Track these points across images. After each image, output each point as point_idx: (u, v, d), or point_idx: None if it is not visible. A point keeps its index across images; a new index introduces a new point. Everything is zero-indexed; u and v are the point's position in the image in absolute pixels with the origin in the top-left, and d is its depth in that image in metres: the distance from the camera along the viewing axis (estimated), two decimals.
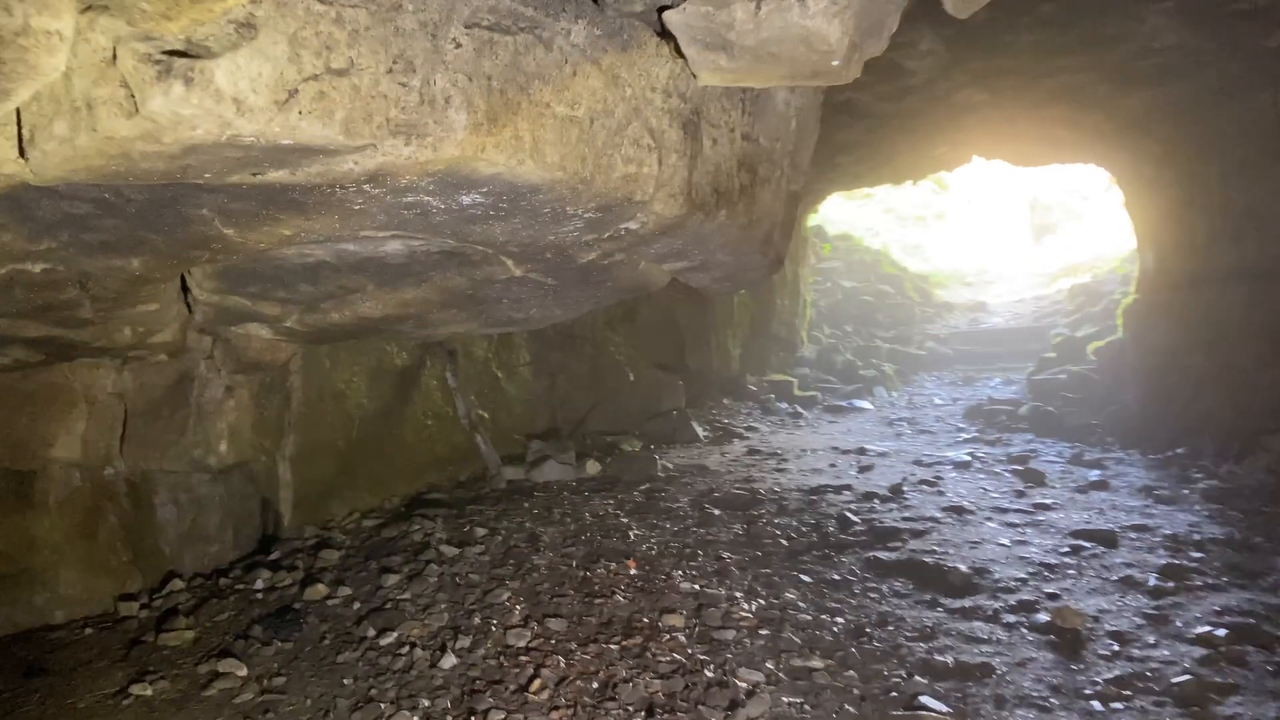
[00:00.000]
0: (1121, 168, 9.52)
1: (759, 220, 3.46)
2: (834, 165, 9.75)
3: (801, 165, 3.85)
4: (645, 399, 9.39)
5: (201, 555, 5.74)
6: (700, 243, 3.39)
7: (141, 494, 5.51)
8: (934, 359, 13.47)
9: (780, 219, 3.72)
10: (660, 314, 9.79)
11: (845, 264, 16.17)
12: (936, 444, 8.39)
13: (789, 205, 3.80)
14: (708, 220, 3.17)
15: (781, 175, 3.62)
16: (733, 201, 3.24)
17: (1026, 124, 8.69)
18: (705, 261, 3.72)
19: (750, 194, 3.32)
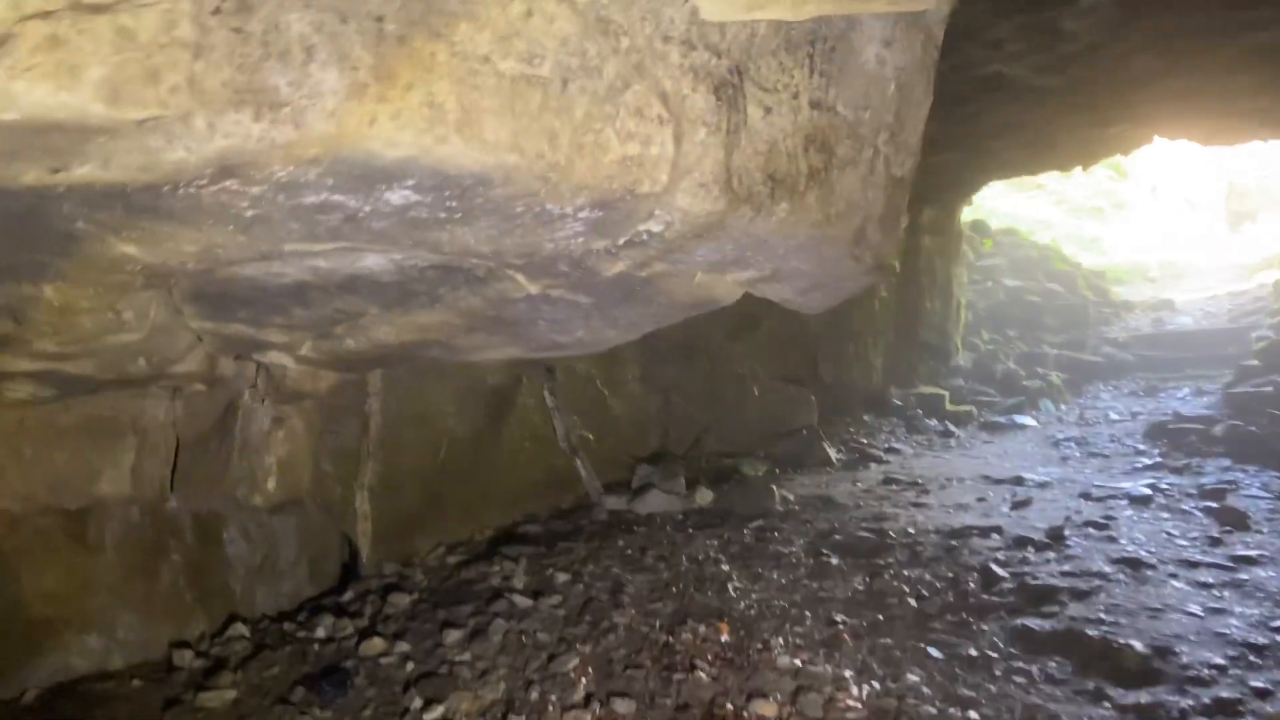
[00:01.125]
0: None
1: (842, 215, 2.62)
2: (986, 151, 8.61)
3: (909, 144, 2.99)
4: (771, 416, 8.53)
5: (275, 593, 5.33)
6: (760, 246, 2.59)
7: (209, 529, 5.13)
8: (1111, 366, 11.96)
9: (877, 212, 2.87)
10: (789, 321, 8.89)
11: (1009, 261, 14.73)
12: (1110, 471, 7.17)
13: (890, 194, 2.94)
14: (760, 217, 2.37)
15: (876, 156, 2.77)
16: (798, 191, 2.43)
17: (1215, 95, 7.37)
18: (777, 270, 2.91)
19: (825, 180, 2.50)
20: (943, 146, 8.34)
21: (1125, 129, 8.25)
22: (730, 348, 8.40)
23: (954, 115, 7.50)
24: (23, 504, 4.42)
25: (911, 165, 3.04)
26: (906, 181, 3.05)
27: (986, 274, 14.10)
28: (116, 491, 4.60)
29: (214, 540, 5.16)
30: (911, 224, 10.13)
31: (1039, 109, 7.49)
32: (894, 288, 9.98)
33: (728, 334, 8.36)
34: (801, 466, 7.91)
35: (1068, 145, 8.88)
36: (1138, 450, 7.90)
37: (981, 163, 8.98)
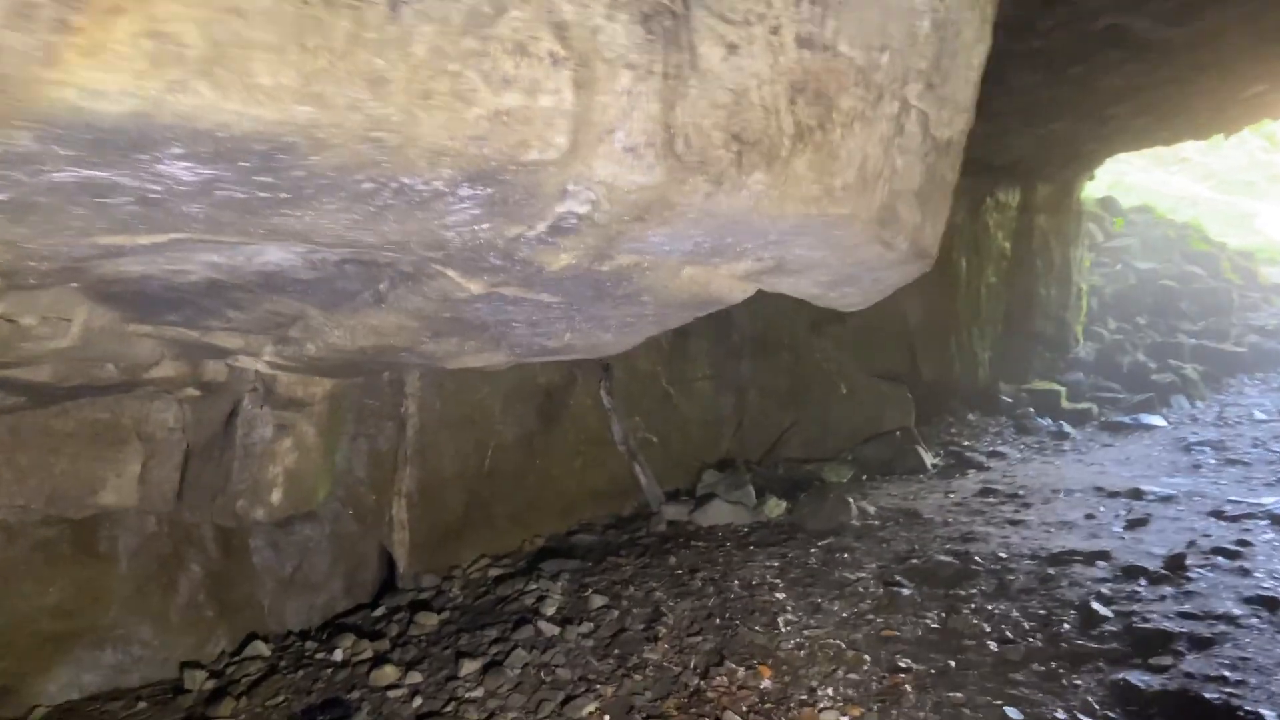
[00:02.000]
0: None
1: (853, 188, 2.03)
2: (1105, 119, 7.66)
3: (955, 99, 2.36)
4: (861, 416, 7.83)
5: (308, 606, 5.04)
6: (742, 231, 2.02)
7: (234, 539, 4.86)
8: (1257, 357, 10.68)
9: (911, 184, 2.26)
10: (881, 311, 8.12)
11: (1141, 241, 13.47)
12: (1250, 483, 6.21)
13: (931, 162, 2.32)
14: (723, 191, 1.80)
15: (905, 112, 2.16)
16: (778, 156, 1.84)
17: None
18: (782, 261, 2.32)
19: (822, 143, 1.91)
20: (1054, 113, 7.45)
21: (1266, 90, 7.18)
22: (814, 341, 7.73)
23: (1066, 77, 6.65)
24: (20, 514, 4.19)
25: (963, 125, 2.40)
26: (956, 145, 2.42)
27: (1116, 256, 12.91)
28: (121, 500, 4.34)
29: (239, 551, 4.88)
30: (1024, 202, 9.21)
31: (1163, 68, 6.55)
32: (1004, 273, 9.08)
33: (811, 326, 7.70)
34: (891, 473, 7.20)
35: (1202, 110, 7.84)
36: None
37: (1102, 132, 8.02)
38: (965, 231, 8.64)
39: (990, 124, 7.69)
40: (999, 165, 8.60)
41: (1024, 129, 7.70)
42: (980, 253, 8.81)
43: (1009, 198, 9.02)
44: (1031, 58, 6.25)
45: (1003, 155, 8.37)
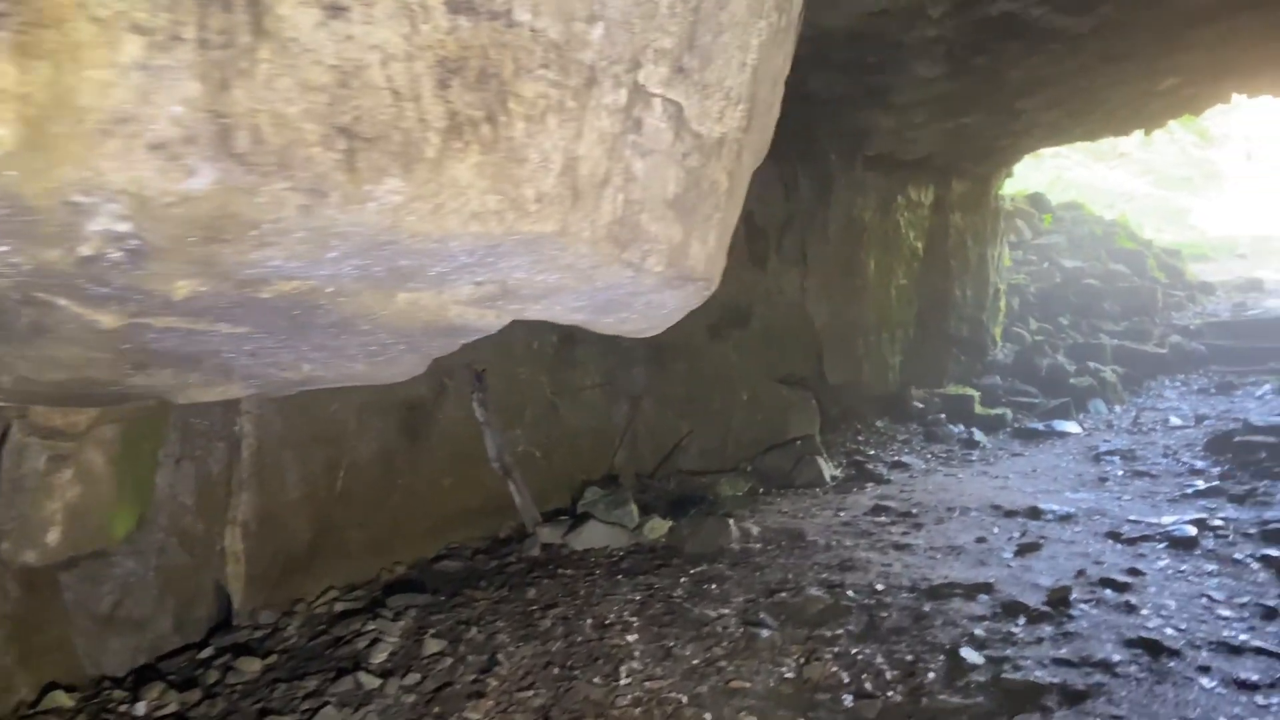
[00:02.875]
0: None
1: (555, 199, 1.58)
2: (1016, 113, 7.33)
3: (723, 85, 1.93)
4: (763, 424, 7.44)
5: (131, 647, 4.50)
6: (400, 250, 1.57)
7: (40, 574, 4.32)
8: (1179, 358, 10.48)
9: (663, 194, 1.84)
10: (787, 314, 7.78)
11: (1069, 239, 13.26)
12: (1154, 498, 5.91)
13: (691, 165, 1.89)
14: (329, 203, 1.35)
15: (636, 102, 1.72)
16: (422, 157, 1.39)
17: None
18: (507, 287, 1.89)
19: (494, 140, 1.45)
20: (962, 107, 7.11)
21: (1183, 83, 6.90)
22: (714, 347, 7.32)
23: (970, 69, 6.29)
24: None
25: (739, 119, 1.96)
26: (735, 144, 1.98)
27: (1043, 253, 12.69)
28: None
29: (47, 588, 4.34)
30: (938, 200, 8.88)
31: (1069, 60, 6.21)
32: (916, 273, 8.74)
33: (710, 330, 7.28)
34: (790, 485, 6.82)
35: (1118, 104, 7.54)
36: (1193, 469, 6.60)
37: (1014, 126, 7.70)
38: (875, 231, 8.28)
39: (897, 117, 7.34)
40: (909, 161, 8.26)
41: (932, 123, 7.34)
42: (891, 252, 8.46)
43: (921, 195, 8.68)
44: (930, 48, 5.88)
45: (911, 150, 8.03)
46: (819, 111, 7.02)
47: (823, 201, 7.91)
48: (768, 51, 2.04)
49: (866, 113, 7.11)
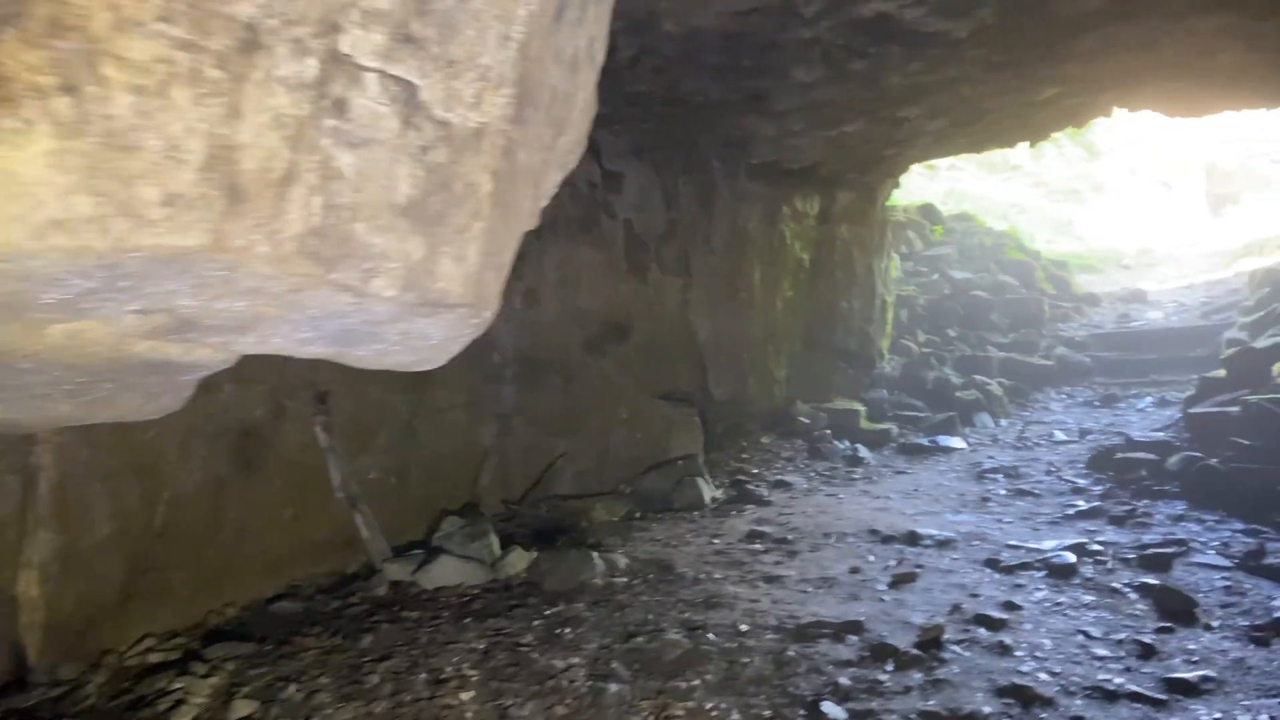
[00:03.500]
0: None
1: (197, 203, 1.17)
2: (899, 122, 7.14)
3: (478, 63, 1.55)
4: (644, 443, 7.08)
5: None
6: None
7: None
8: (1064, 370, 10.52)
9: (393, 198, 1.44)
10: (669, 327, 7.45)
11: (959, 250, 13.28)
12: (1035, 520, 5.74)
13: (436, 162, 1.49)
14: None
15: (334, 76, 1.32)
16: None
17: (1174, 47, 5.92)
18: (187, 318, 1.46)
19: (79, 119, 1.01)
20: (843, 115, 6.88)
21: (1065, 93, 6.80)
22: (592, 361, 6.94)
23: (849, 74, 6.06)
24: None
25: (500, 105, 1.58)
26: (490, 135, 1.59)
27: (933, 265, 12.66)
28: None
29: None
30: (824, 211, 8.67)
31: (950, 67, 6.03)
32: (802, 285, 8.51)
33: (588, 344, 6.90)
34: (669, 508, 6.48)
35: (1000, 115, 7.42)
36: (1075, 487, 6.47)
37: (898, 136, 7.52)
38: (760, 242, 8.02)
39: (777, 125, 7.08)
40: (794, 170, 8.02)
41: (813, 130, 7.11)
42: (776, 264, 8.21)
43: (807, 206, 8.46)
44: (806, 51, 5.62)
45: (796, 159, 7.79)
46: (698, 117, 6.71)
47: (706, 211, 7.61)
48: (545, 25, 1.66)
49: (746, 119, 6.83)
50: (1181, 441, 6.91)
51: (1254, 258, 15.92)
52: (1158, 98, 7.69)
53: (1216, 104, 7.93)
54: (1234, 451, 6.14)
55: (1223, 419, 6.61)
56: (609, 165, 6.96)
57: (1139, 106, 8.27)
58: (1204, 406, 7.04)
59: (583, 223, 6.82)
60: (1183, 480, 6.08)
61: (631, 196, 7.12)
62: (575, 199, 6.77)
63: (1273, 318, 8.60)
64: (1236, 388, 7.20)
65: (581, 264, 6.82)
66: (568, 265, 6.74)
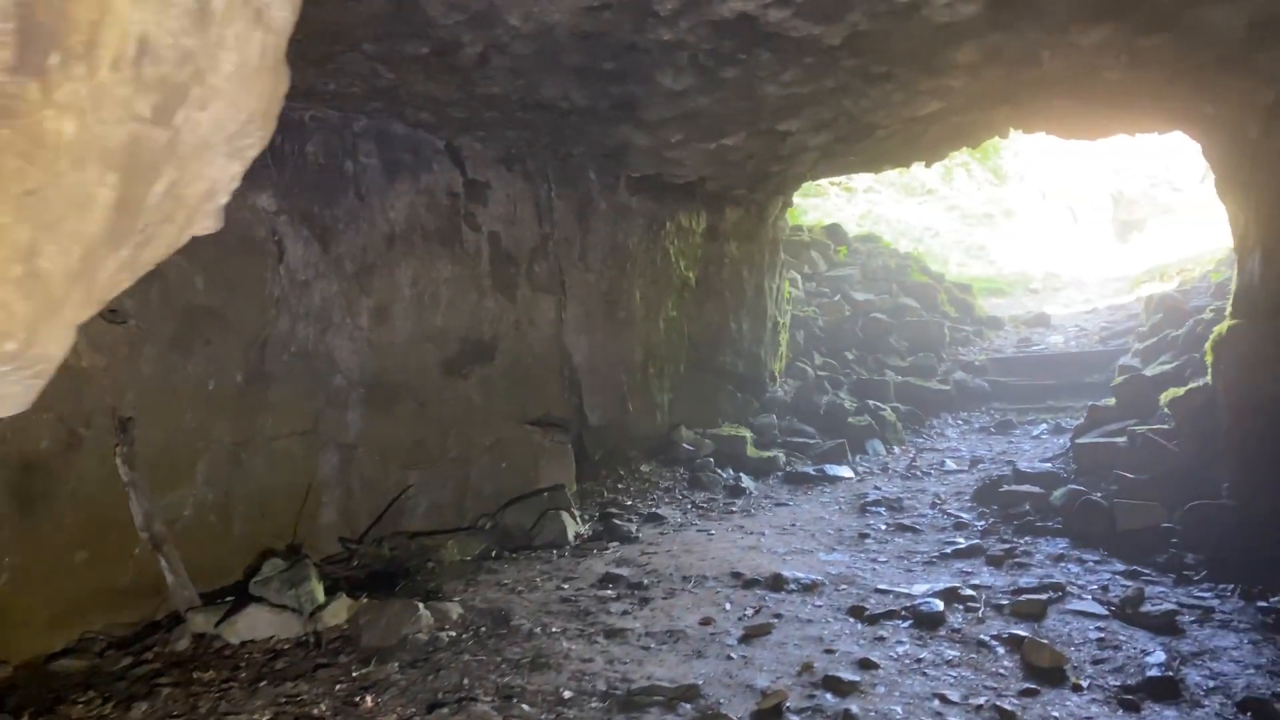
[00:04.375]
0: (1212, 131, 6.40)
1: None
2: (780, 136, 6.79)
3: None
4: (510, 474, 6.58)
5: None
6: None
7: None
8: (962, 395, 10.31)
9: None
10: (541, 348, 6.96)
11: (864, 271, 13.06)
12: (911, 560, 5.37)
13: None
14: None
15: None
16: None
17: (1059, 62, 5.67)
18: None
19: None
20: (720, 126, 6.51)
21: (945, 109, 6.51)
22: (451, 384, 6.41)
23: (721, 82, 5.67)
24: None
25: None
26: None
27: (836, 285, 12.40)
28: None
29: None
30: (711, 228, 8.29)
31: (828, 77, 5.68)
32: (687, 305, 8.10)
33: (445, 366, 6.37)
34: (529, 546, 5.99)
35: (886, 131, 7.11)
36: (958, 522, 6.14)
37: (781, 151, 7.17)
38: (642, 259, 7.60)
39: (651, 135, 6.65)
40: (678, 185, 7.63)
41: (692, 143, 6.71)
42: (660, 283, 7.79)
43: (693, 222, 8.07)
44: (671, 54, 5.21)
45: (679, 173, 7.40)
46: (567, 125, 6.27)
47: (582, 225, 7.16)
48: None
49: (619, 129, 6.40)
50: (1069, 473, 6.65)
51: (1154, 283, 16.11)
52: (1049, 117, 7.48)
53: (1107, 126, 7.75)
54: (1119, 486, 5.88)
55: (1109, 450, 6.36)
56: (473, 174, 6.46)
57: (1033, 127, 8.07)
58: (1091, 437, 6.80)
59: (442, 235, 6.31)
60: (1066, 516, 5.78)
61: (499, 208, 6.63)
62: (434, 209, 6.26)
63: (1164, 344, 8.46)
64: (1126, 417, 6.99)
65: (440, 280, 6.30)
66: (424, 281, 6.22)
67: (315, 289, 5.74)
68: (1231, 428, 5.69)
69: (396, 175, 6.09)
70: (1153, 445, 6.00)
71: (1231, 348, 5.79)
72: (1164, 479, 5.78)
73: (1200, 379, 6.89)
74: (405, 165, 6.13)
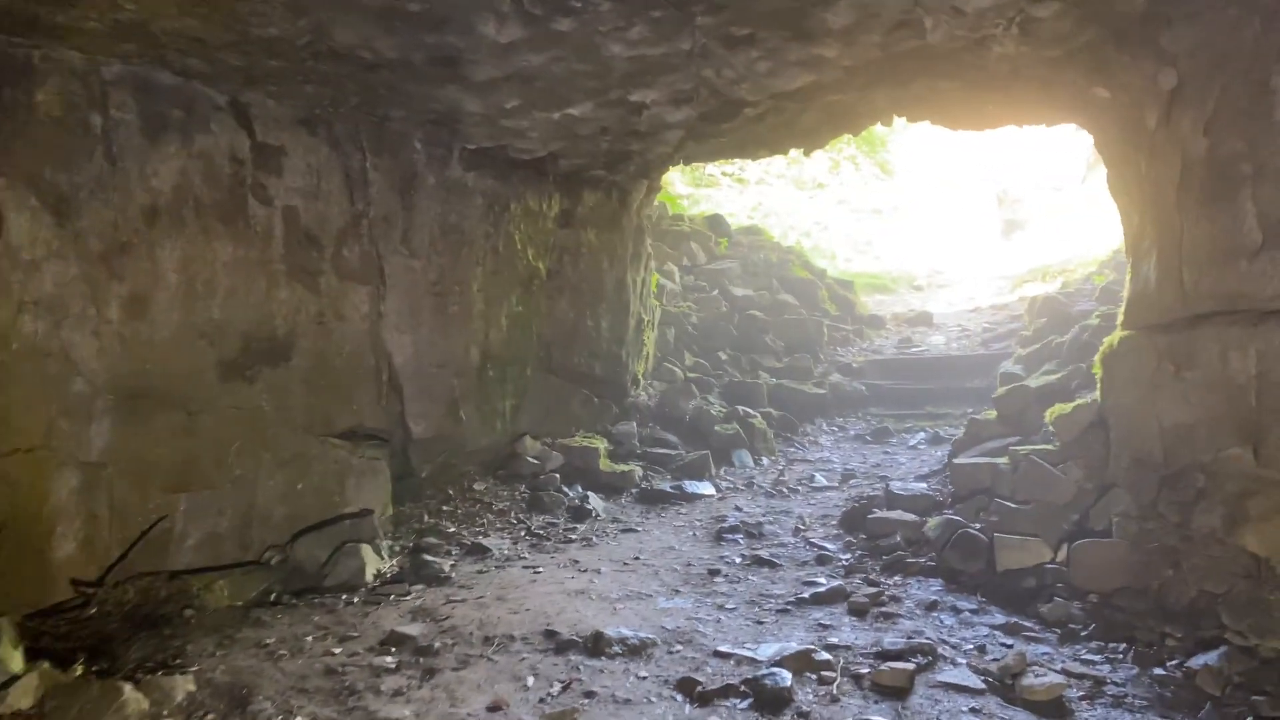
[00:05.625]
0: (1106, 119, 5.78)
1: None
2: (635, 108, 5.92)
3: None
4: (309, 496, 5.56)
5: None
6: None
7: None
8: (838, 400, 9.66)
9: None
10: (352, 346, 5.93)
11: (744, 265, 12.34)
12: (764, 606, 4.57)
13: None
14: None
15: None
16: None
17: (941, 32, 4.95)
18: None
19: None
20: (563, 93, 5.60)
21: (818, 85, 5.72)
22: (232, 391, 5.33)
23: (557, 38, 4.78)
24: None
25: None
26: None
27: (715, 280, 11.64)
28: None
29: None
30: (565, 213, 7.37)
31: (680, 37, 4.82)
32: (535, 299, 7.16)
33: (225, 369, 5.30)
34: (317, 588, 5.02)
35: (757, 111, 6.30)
36: (822, 554, 5.39)
37: (638, 126, 6.28)
38: (479, 245, 6.63)
39: (483, 99, 5.66)
40: (524, 162, 6.68)
41: (533, 110, 5.78)
42: (502, 273, 6.83)
43: (544, 205, 7.13)
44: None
45: (525, 147, 6.45)
46: (380, 83, 5.26)
47: (405, 203, 6.15)
48: None
49: (444, 90, 5.43)
50: (945, 496, 5.98)
51: (1036, 283, 15.93)
52: (933, 104, 6.80)
53: (996, 115, 7.10)
54: (999, 516, 5.21)
55: (989, 473, 5.69)
56: (265, 137, 5.39)
57: (917, 115, 7.40)
58: (970, 455, 6.14)
59: (222, 210, 5.22)
60: (940, 551, 5.09)
61: (297, 179, 5.57)
62: (211, 178, 5.17)
63: (1049, 350, 7.92)
64: (1008, 433, 6.36)
65: (218, 264, 5.22)
66: (197, 265, 5.13)
67: (46, 272, 4.60)
68: (1120, 453, 5.08)
69: (162, 135, 4.98)
70: (1036, 470, 5.35)
71: (1124, 362, 5.17)
72: (1048, 509, 5.13)
73: (1087, 393, 6.31)
74: (173, 123, 5.02)
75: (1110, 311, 7.51)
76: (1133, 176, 5.46)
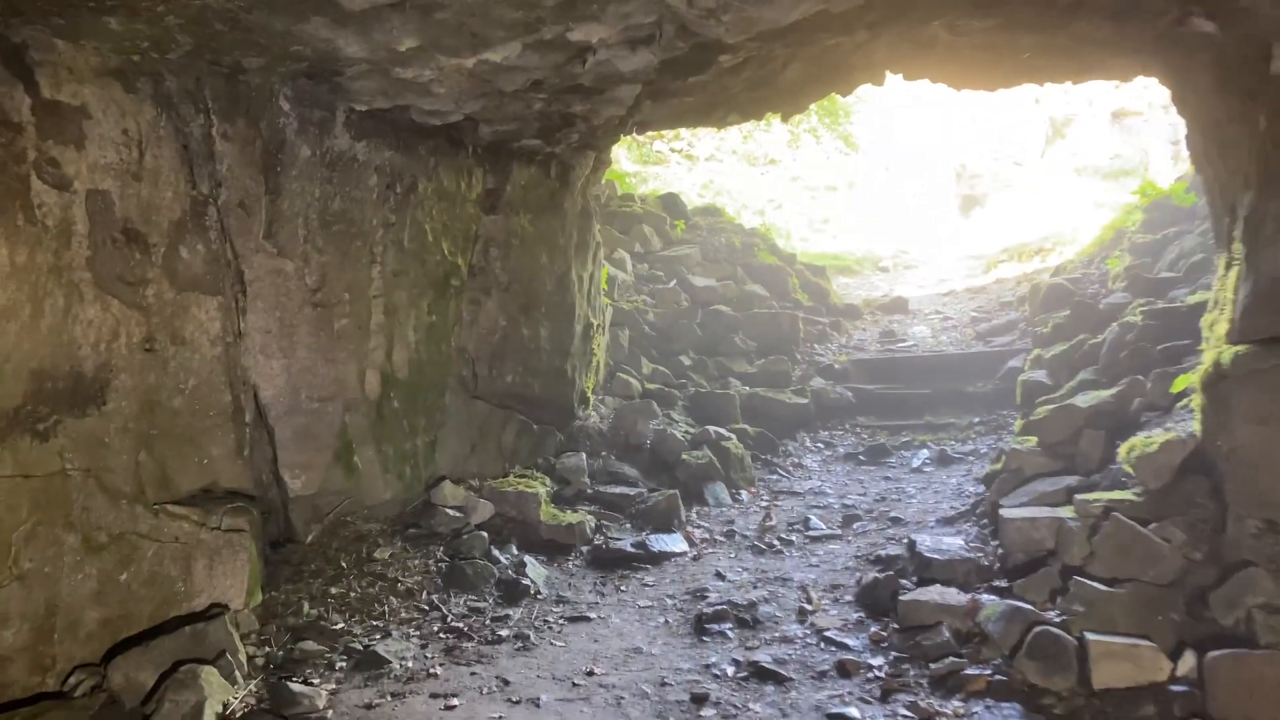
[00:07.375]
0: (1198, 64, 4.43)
1: None
2: (579, 52, 4.41)
3: None
4: (136, 590, 4.02)
5: None
6: None
7: None
8: (822, 409, 8.25)
9: None
10: (198, 378, 4.36)
11: (704, 250, 10.87)
12: None
13: None
14: None
15: None
16: None
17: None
18: None
19: None
20: (480, 31, 4.07)
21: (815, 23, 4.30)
22: (14, 451, 3.75)
23: None
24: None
25: None
26: None
27: (672, 268, 10.15)
28: None
29: None
30: (491, 193, 5.82)
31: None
32: (452, 304, 5.61)
33: (8, 420, 3.70)
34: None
35: (736, 61, 4.86)
36: (841, 662, 3.95)
37: (583, 79, 4.77)
38: (376, 237, 5.07)
39: (367, 40, 3.99)
40: (434, 128, 5.12)
41: (436, 55, 4.24)
42: (410, 274, 5.28)
43: (462, 185, 5.57)
44: None
45: (434, 108, 4.89)
46: (219, 15, 3.69)
47: (271, 185, 4.58)
48: None
49: (309, 24, 3.87)
50: (991, 557, 4.60)
51: (1011, 263, 14.86)
52: (942, 53, 5.44)
53: (1021, 66, 5.76)
54: (1082, 603, 3.83)
55: (1051, 532, 4.32)
56: (53, 93, 3.79)
57: (916, 68, 6.08)
58: (1020, 506, 4.74)
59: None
60: (1010, 658, 3.70)
61: (108, 153, 3.97)
62: None
63: (1081, 354, 6.59)
64: (1059, 469, 5.01)
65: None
66: None
67: None
68: (1245, 513, 3.74)
69: None
70: (1125, 532, 3.99)
71: (1243, 387, 3.82)
72: (1150, 594, 3.78)
73: (1156, 417, 4.98)
74: None
75: (1159, 307, 6.20)
76: (1244, 138, 4.10)
